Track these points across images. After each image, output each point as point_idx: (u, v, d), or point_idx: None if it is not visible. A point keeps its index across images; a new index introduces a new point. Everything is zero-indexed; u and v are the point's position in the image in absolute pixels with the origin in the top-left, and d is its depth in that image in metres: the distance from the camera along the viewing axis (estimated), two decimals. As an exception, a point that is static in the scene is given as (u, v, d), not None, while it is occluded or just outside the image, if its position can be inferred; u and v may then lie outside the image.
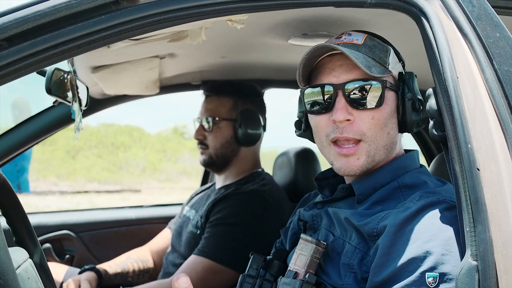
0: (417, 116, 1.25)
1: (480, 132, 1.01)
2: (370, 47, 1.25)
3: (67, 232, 2.57)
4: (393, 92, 1.25)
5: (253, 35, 1.66)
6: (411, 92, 1.24)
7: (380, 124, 1.22)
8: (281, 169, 2.44)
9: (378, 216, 1.15)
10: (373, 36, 1.30)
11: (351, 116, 1.21)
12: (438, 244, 1.03)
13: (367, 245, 1.15)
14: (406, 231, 1.07)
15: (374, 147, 1.23)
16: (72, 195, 10.48)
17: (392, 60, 1.27)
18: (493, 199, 0.97)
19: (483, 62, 1.06)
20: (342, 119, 1.20)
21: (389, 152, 1.27)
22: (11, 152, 2.03)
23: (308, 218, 1.36)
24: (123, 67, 1.76)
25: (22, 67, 0.96)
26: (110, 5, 0.99)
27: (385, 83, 1.22)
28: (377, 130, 1.22)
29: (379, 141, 1.23)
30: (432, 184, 1.21)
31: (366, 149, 1.22)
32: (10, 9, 0.95)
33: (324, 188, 1.42)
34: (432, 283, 1.00)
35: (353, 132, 1.21)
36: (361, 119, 1.21)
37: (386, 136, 1.24)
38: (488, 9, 1.13)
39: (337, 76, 1.23)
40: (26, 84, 2.06)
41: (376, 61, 1.24)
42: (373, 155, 1.23)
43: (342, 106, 1.21)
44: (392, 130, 1.26)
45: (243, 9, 1.08)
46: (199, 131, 2.16)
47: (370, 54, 1.24)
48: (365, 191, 1.25)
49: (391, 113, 1.24)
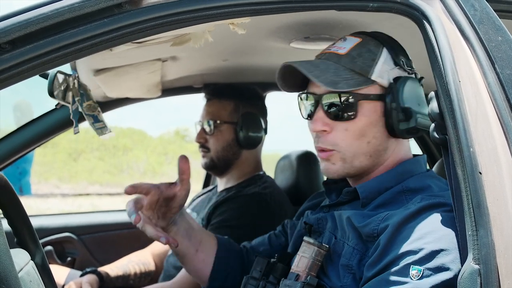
0: (404, 125, 1.25)
1: (482, 136, 1.00)
2: (353, 57, 1.26)
3: (69, 234, 2.57)
4: (376, 102, 1.25)
5: (255, 38, 1.66)
6: (395, 102, 1.24)
7: (355, 135, 1.24)
8: (283, 172, 2.44)
9: (379, 217, 1.16)
10: (370, 39, 1.29)
11: (327, 127, 1.25)
12: (430, 241, 1.04)
13: (365, 246, 1.16)
14: (403, 230, 1.09)
15: (349, 155, 1.26)
16: (74, 198, 10.49)
17: (381, 68, 1.25)
18: (495, 202, 0.97)
19: (485, 66, 1.06)
20: (317, 130, 1.26)
21: (376, 158, 1.28)
22: (13, 154, 2.03)
23: (313, 222, 1.37)
24: (125, 70, 1.76)
25: (25, 70, 0.96)
26: (112, 8, 0.99)
27: (359, 96, 1.23)
28: (351, 141, 1.25)
29: (356, 149, 1.25)
30: (436, 188, 1.21)
31: (340, 157, 1.26)
32: (13, 12, 0.95)
33: (332, 192, 1.42)
34: (415, 276, 1.01)
35: (327, 143, 1.26)
36: (336, 130, 1.25)
37: (366, 145, 1.26)
38: (490, 12, 1.13)
39: (318, 87, 1.26)
40: (28, 87, 2.06)
41: (354, 72, 1.24)
42: (350, 161, 1.26)
43: (319, 117, 1.26)
44: (375, 139, 1.26)
45: (245, 12, 1.09)
46: (201, 134, 2.16)
47: (349, 66, 1.25)
48: (370, 195, 1.26)
49: (370, 123, 1.25)
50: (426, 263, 1.02)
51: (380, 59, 1.26)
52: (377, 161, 1.28)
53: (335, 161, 1.27)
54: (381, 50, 1.28)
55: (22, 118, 6.09)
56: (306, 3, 1.11)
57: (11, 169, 5.05)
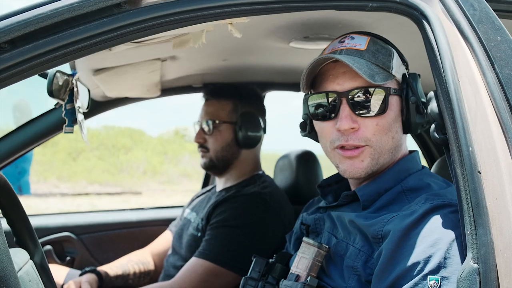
0: (421, 119, 1.25)
1: (481, 135, 1.01)
2: (373, 52, 1.25)
3: (68, 234, 2.57)
4: (397, 97, 1.25)
5: (255, 38, 1.66)
6: (414, 95, 1.25)
7: (384, 130, 1.23)
8: (282, 172, 2.44)
9: (384, 218, 1.15)
10: (376, 38, 1.30)
11: (356, 124, 1.22)
12: (441, 248, 1.03)
13: (371, 247, 1.15)
14: (411, 236, 1.07)
15: (378, 151, 1.24)
16: (73, 197, 10.48)
17: (396, 63, 1.27)
18: (494, 202, 0.97)
19: (485, 66, 1.07)
20: (347, 128, 1.21)
21: (394, 154, 1.28)
22: (12, 154, 2.03)
23: (310, 222, 1.37)
24: (124, 69, 1.76)
25: (24, 70, 0.96)
26: (112, 8, 0.99)
27: (389, 90, 1.23)
28: (381, 136, 1.23)
29: (384, 145, 1.24)
30: (436, 186, 1.21)
31: (371, 153, 1.23)
32: (12, 12, 0.95)
33: (327, 195, 1.42)
34: (434, 286, 1.00)
35: (358, 139, 1.22)
36: (365, 126, 1.22)
37: (391, 140, 1.25)
38: (490, 12, 1.13)
39: (341, 84, 1.23)
40: (28, 87, 2.06)
41: (379, 67, 1.24)
42: (377, 158, 1.24)
43: (347, 115, 1.22)
44: (397, 134, 1.26)
45: (244, 12, 1.09)
46: (200, 134, 2.16)
47: (373, 60, 1.24)
48: (370, 197, 1.26)
49: (395, 118, 1.25)
50: (442, 271, 1.01)
51: (394, 55, 1.28)
52: (394, 157, 1.28)
53: (364, 158, 1.24)
54: (391, 47, 1.29)
55: (21, 118, 6.08)
56: (305, 2, 1.12)
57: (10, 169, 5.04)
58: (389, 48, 1.29)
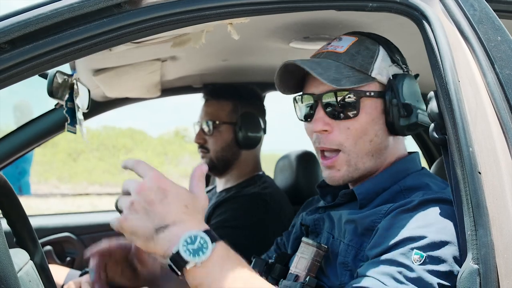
0: (405, 122, 1.24)
1: (481, 136, 1.01)
2: (352, 54, 1.26)
3: (68, 234, 2.57)
4: (376, 99, 1.25)
5: (255, 38, 1.66)
6: (396, 98, 1.23)
7: (358, 134, 1.24)
8: (282, 172, 2.44)
9: (381, 209, 1.17)
10: (365, 39, 1.29)
11: (328, 127, 1.24)
12: (433, 231, 1.05)
13: (360, 240, 1.17)
14: (405, 217, 1.10)
15: (354, 156, 1.24)
16: (73, 198, 10.48)
17: (380, 65, 1.26)
18: (494, 202, 0.97)
19: (485, 66, 1.07)
20: (318, 130, 1.24)
21: (378, 157, 1.27)
22: (12, 154, 2.03)
23: (310, 223, 1.37)
24: (124, 70, 1.76)
25: (24, 70, 0.96)
26: (112, 8, 0.99)
27: (361, 93, 1.23)
28: (355, 139, 1.24)
29: (360, 149, 1.24)
30: (434, 186, 1.21)
31: (346, 159, 1.25)
32: (13, 12, 0.95)
33: (326, 195, 1.42)
34: (416, 260, 1.02)
35: (330, 143, 1.24)
36: (338, 130, 1.24)
37: (368, 144, 1.25)
38: (490, 12, 1.13)
39: (317, 87, 1.26)
40: (28, 87, 2.06)
41: (355, 70, 1.24)
42: (354, 164, 1.25)
43: (320, 117, 1.24)
44: (376, 137, 1.26)
45: (245, 12, 1.09)
46: (200, 135, 2.16)
47: (350, 63, 1.25)
48: (368, 196, 1.26)
49: (372, 121, 1.24)
50: (428, 251, 1.02)
51: (378, 56, 1.27)
52: (379, 160, 1.28)
53: (340, 167, 1.25)
54: (378, 47, 1.28)
55: (21, 118, 6.09)
56: (305, 3, 1.12)
57: (10, 169, 5.05)
58: (375, 49, 1.27)
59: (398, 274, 1.01)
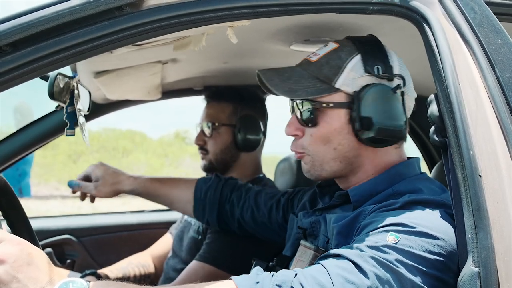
0: (366, 135, 1.23)
1: (482, 139, 1.01)
2: (321, 64, 1.27)
3: (68, 236, 2.57)
4: (339, 110, 1.25)
5: (255, 41, 1.66)
6: (355, 111, 1.22)
7: (320, 141, 1.27)
8: (283, 175, 2.44)
9: (366, 209, 1.18)
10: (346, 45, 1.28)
11: (299, 132, 1.30)
12: (410, 221, 1.05)
13: (346, 241, 1.17)
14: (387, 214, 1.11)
15: (318, 159, 1.29)
16: (74, 200, 10.47)
17: (347, 75, 1.24)
18: (495, 205, 0.97)
19: (485, 69, 1.07)
20: (288, 134, 1.32)
21: (348, 163, 1.28)
22: (13, 156, 2.03)
23: (307, 226, 1.37)
24: (125, 72, 1.76)
25: (26, 72, 0.97)
26: (113, 11, 0.99)
27: (316, 104, 1.25)
28: (317, 146, 1.28)
29: (324, 155, 1.28)
30: (427, 191, 1.20)
31: (310, 160, 1.30)
32: (14, 15, 0.95)
33: (325, 195, 1.43)
34: (390, 240, 1.02)
35: (295, 146, 1.32)
36: (305, 135, 1.30)
37: (333, 151, 1.27)
38: (490, 16, 1.13)
39: None
40: (29, 89, 2.06)
41: (318, 80, 1.26)
42: (319, 165, 1.29)
43: (292, 122, 1.32)
44: (341, 146, 1.26)
45: (246, 15, 1.09)
46: (200, 136, 2.16)
47: (315, 73, 1.27)
48: (361, 198, 1.26)
49: (334, 130, 1.26)
50: (405, 234, 1.03)
51: (347, 66, 1.25)
52: (351, 166, 1.29)
53: (306, 162, 1.32)
54: (352, 57, 1.26)
55: (22, 120, 6.09)
56: (306, 5, 1.12)
57: (11, 171, 5.05)
58: (346, 59, 1.25)
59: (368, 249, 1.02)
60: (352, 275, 0.98)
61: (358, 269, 0.99)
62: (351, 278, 0.98)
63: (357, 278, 0.98)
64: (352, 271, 0.99)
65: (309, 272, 1.01)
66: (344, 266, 1.00)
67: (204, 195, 1.84)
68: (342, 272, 0.99)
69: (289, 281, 0.99)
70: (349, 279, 0.98)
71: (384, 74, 1.24)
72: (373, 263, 0.99)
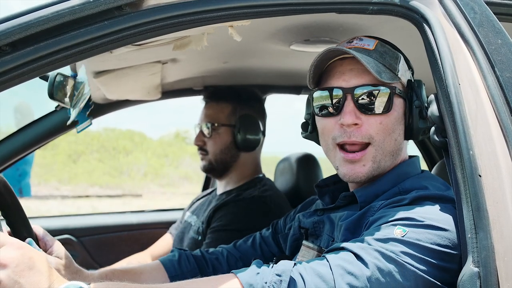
0: (423, 124, 1.25)
1: (481, 139, 1.01)
2: (381, 53, 1.26)
3: (68, 236, 2.57)
4: (401, 99, 1.25)
5: (255, 41, 1.66)
6: (419, 100, 1.24)
7: (388, 130, 1.23)
8: (283, 175, 2.44)
9: (375, 205, 1.18)
10: (384, 43, 1.30)
11: (359, 120, 1.22)
12: (418, 215, 1.05)
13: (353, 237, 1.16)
14: (396, 209, 1.10)
15: (380, 152, 1.23)
16: (74, 200, 10.49)
17: (402, 67, 1.27)
18: (494, 205, 0.97)
19: (485, 69, 1.07)
20: (350, 123, 1.21)
21: (395, 158, 1.28)
22: (13, 156, 2.03)
23: (309, 225, 1.36)
24: (125, 72, 1.76)
25: (25, 72, 0.96)
26: (113, 10, 0.99)
27: (394, 89, 1.23)
28: (384, 135, 1.23)
29: (386, 146, 1.24)
30: (433, 188, 1.21)
31: (373, 155, 1.23)
32: (14, 15, 0.95)
33: (324, 195, 1.42)
34: (397, 234, 1.02)
35: (361, 136, 1.22)
36: (369, 124, 1.22)
37: (394, 142, 1.25)
38: (490, 16, 1.13)
39: (347, 80, 1.24)
40: (29, 89, 2.07)
41: (386, 67, 1.24)
42: (379, 161, 1.24)
43: (351, 110, 1.21)
44: (399, 137, 1.26)
45: (246, 15, 1.09)
46: (199, 137, 2.16)
47: (380, 60, 1.24)
48: (368, 199, 1.26)
49: (398, 119, 1.25)
50: (413, 227, 1.03)
51: (400, 59, 1.28)
52: (394, 162, 1.28)
53: (366, 162, 1.24)
54: (398, 52, 1.30)
55: (22, 120, 6.08)
56: (306, 5, 1.12)
57: (11, 171, 5.04)
58: (396, 52, 1.29)
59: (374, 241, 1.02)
60: (352, 265, 0.99)
61: (360, 260, 0.99)
62: (351, 269, 0.98)
63: (357, 268, 0.98)
64: (352, 262, 0.99)
65: (310, 264, 1.01)
66: (345, 257, 1.00)
67: (180, 271, 1.54)
68: (342, 263, 0.99)
69: (288, 270, 0.99)
70: (348, 270, 0.98)
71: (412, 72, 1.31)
72: (375, 255, 1.00)
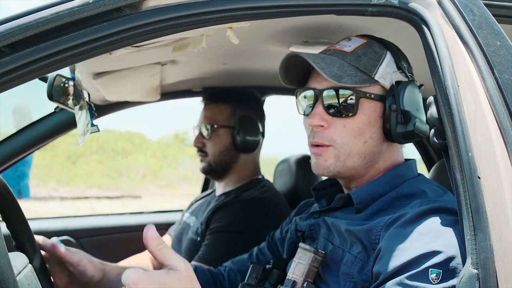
0: (402, 128, 1.24)
1: (481, 140, 1.01)
2: (358, 55, 1.26)
3: (67, 238, 2.57)
4: (376, 102, 1.25)
5: (255, 43, 1.66)
6: (396, 104, 1.24)
7: (352, 133, 1.24)
8: (282, 176, 2.44)
9: (380, 222, 1.15)
10: (375, 43, 1.30)
11: (325, 122, 1.25)
12: (442, 244, 1.02)
13: (367, 254, 1.15)
14: (406, 232, 1.07)
15: (344, 153, 1.25)
16: (73, 201, 10.47)
17: (384, 69, 1.26)
18: (493, 207, 0.97)
19: (484, 71, 1.07)
20: (314, 124, 1.25)
21: (370, 160, 1.27)
22: (12, 157, 2.03)
23: (305, 228, 1.36)
24: (124, 73, 1.76)
25: (24, 74, 0.96)
26: (112, 12, 0.99)
27: (360, 93, 1.23)
28: (349, 138, 1.24)
29: (352, 148, 1.25)
30: (431, 193, 1.21)
31: (335, 154, 1.26)
32: (13, 16, 0.95)
33: (321, 198, 1.42)
34: (434, 280, 1.00)
35: (323, 138, 1.26)
36: (334, 126, 1.25)
37: (362, 145, 1.25)
38: (489, 17, 1.13)
39: (319, 82, 1.27)
40: (28, 90, 2.07)
41: (359, 70, 1.25)
42: (343, 160, 1.26)
43: (317, 112, 1.25)
44: (371, 140, 1.26)
45: (245, 16, 1.09)
46: (198, 138, 2.16)
47: (354, 63, 1.25)
48: (364, 201, 1.25)
49: (369, 123, 1.25)
50: (444, 267, 1.00)
51: (384, 60, 1.27)
52: (370, 163, 1.28)
53: (327, 158, 1.27)
54: (385, 52, 1.29)
55: (21, 121, 6.08)
56: (305, 7, 1.12)
57: (10, 172, 5.04)
58: (382, 53, 1.29)
59: None
60: None
61: None
62: None
63: None
64: None
65: None
66: None
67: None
68: None
69: None
70: None
71: (409, 73, 1.30)
72: None
